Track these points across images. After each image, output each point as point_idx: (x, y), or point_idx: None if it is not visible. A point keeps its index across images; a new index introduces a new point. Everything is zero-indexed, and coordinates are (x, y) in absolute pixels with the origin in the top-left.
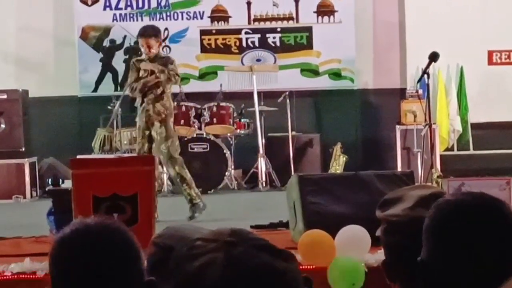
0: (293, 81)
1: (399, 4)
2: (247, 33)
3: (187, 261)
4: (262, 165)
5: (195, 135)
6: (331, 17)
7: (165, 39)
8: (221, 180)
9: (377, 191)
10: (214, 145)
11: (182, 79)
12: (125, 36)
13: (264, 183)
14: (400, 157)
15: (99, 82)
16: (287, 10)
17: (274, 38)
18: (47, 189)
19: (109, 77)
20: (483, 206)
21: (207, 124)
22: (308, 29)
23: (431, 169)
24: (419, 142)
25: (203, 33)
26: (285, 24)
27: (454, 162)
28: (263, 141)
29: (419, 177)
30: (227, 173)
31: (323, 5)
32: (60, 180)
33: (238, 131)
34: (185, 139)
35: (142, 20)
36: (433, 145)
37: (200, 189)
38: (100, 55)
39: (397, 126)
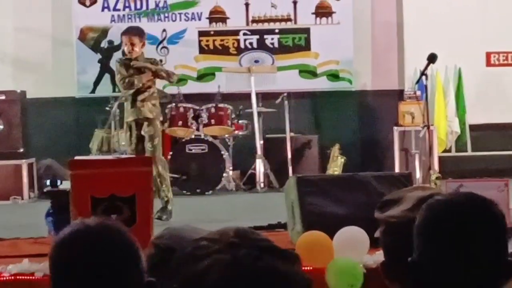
0: (291, 82)
1: (397, 6)
2: (245, 34)
3: (190, 261)
4: (260, 166)
5: (193, 136)
6: (329, 18)
7: (163, 40)
8: (219, 181)
9: (375, 192)
10: (212, 146)
11: (180, 80)
12: None
13: (262, 184)
14: (398, 159)
15: (97, 83)
16: (285, 11)
17: (272, 39)
18: (45, 190)
19: (107, 78)
20: (473, 206)
21: (205, 125)
22: (306, 31)
23: (429, 170)
24: (417, 143)
25: (201, 34)
26: (283, 25)
27: (452, 163)
28: (261, 142)
29: (417, 178)
30: (225, 174)
31: (321, 6)
32: (58, 181)
33: (236, 132)
34: (183, 140)
35: (140, 21)
36: (431, 147)
37: (198, 190)
38: (98, 56)
39: (395, 128)
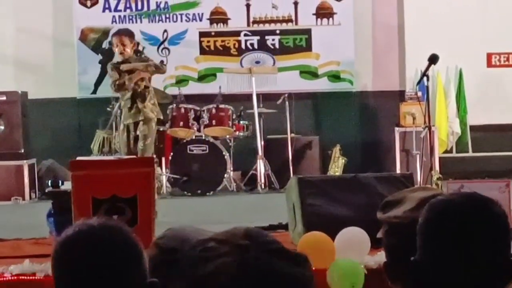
0: (292, 83)
1: (398, 7)
2: (246, 35)
3: (199, 263)
4: (261, 167)
5: (194, 137)
6: (330, 19)
7: (164, 41)
8: (220, 182)
9: (376, 193)
10: (213, 147)
11: (181, 81)
12: None
13: (263, 185)
14: (399, 159)
15: (98, 84)
16: (286, 12)
17: (273, 40)
18: (47, 190)
19: (108, 79)
20: (474, 206)
21: (206, 126)
22: (307, 31)
23: (430, 171)
24: (418, 144)
25: (202, 35)
26: (284, 26)
27: (453, 164)
28: (262, 143)
29: (418, 179)
30: (226, 175)
31: (322, 7)
32: (59, 181)
33: (237, 133)
34: (184, 141)
35: (141, 22)
36: (432, 147)
37: (199, 191)
38: (99, 57)
39: (396, 128)
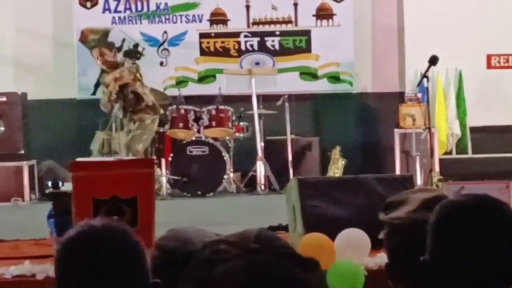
0: (292, 84)
1: (398, 8)
2: (246, 36)
3: (208, 265)
4: (260, 168)
5: (194, 138)
6: (330, 20)
7: (163, 42)
8: (219, 183)
9: (376, 194)
10: (213, 148)
11: (181, 82)
12: (124, 39)
13: (262, 186)
14: (399, 161)
15: (98, 85)
16: (286, 13)
17: (273, 41)
18: (47, 191)
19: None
20: (484, 206)
21: (206, 127)
22: (307, 33)
23: (430, 172)
24: (418, 145)
25: (202, 36)
26: (284, 27)
27: (452, 166)
28: (262, 144)
29: (418, 180)
30: (225, 176)
31: (322, 8)
32: (59, 182)
33: (237, 134)
34: (184, 142)
35: (141, 23)
36: (432, 149)
37: (199, 192)
38: None
39: (396, 130)
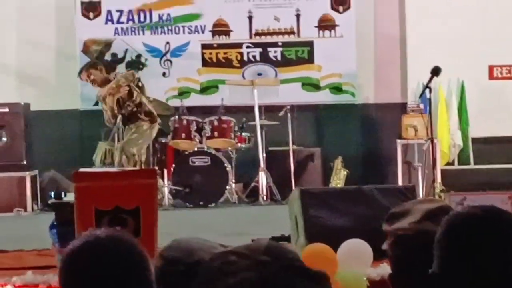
0: (294, 95)
1: (400, 19)
2: (248, 47)
3: (219, 276)
4: (263, 179)
5: (196, 149)
6: (332, 31)
7: (166, 53)
8: (222, 193)
9: (379, 205)
10: (215, 159)
11: (183, 93)
12: (126, 50)
13: (265, 197)
14: (401, 172)
15: None
16: (288, 24)
17: (275, 52)
18: (49, 202)
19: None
20: (492, 218)
21: (208, 138)
22: (309, 44)
23: (433, 183)
24: (420, 156)
25: (204, 47)
26: (286, 38)
27: (454, 176)
28: (264, 155)
29: (420, 191)
30: (228, 186)
31: (324, 19)
32: (62, 193)
33: (239, 145)
34: (186, 153)
35: (143, 34)
36: (434, 160)
37: (201, 202)
38: None
39: (398, 141)
